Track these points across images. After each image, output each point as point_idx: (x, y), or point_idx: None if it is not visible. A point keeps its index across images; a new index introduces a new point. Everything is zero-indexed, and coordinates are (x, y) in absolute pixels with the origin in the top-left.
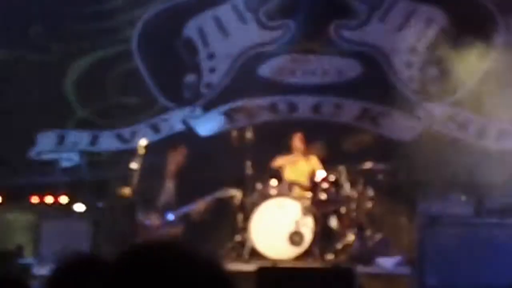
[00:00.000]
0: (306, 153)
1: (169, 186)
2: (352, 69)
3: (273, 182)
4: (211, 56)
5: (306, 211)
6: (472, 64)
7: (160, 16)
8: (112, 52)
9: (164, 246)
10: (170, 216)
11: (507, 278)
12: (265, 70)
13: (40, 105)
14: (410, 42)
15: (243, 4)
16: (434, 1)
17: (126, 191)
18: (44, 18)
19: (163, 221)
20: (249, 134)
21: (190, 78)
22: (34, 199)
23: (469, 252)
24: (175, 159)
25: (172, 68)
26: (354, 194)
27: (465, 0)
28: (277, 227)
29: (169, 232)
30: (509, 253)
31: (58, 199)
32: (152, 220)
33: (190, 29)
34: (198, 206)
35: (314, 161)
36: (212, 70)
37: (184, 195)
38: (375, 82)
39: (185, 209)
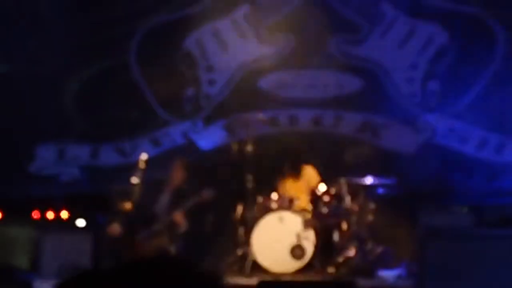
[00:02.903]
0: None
1: (164, 199)
2: (352, 83)
3: (274, 195)
4: (210, 68)
5: (307, 224)
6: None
7: (160, 28)
8: (112, 64)
9: (162, 261)
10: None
11: None
12: (265, 83)
13: (40, 118)
14: (411, 58)
15: (243, 18)
16: (434, 18)
17: (127, 205)
18: (42, 30)
19: (148, 233)
20: (249, 147)
21: (189, 91)
22: (35, 214)
23: (470, 264)
24: (177, 174)
25: (172, 81)
26: (355, 207)
27: (464, 17)
28: (278, 241)
29: (153, 243)
30: (510, 264)
31: (59, 214)
32: (139, 232)
33: (190, 42)
34: (176, 215)
35: (311, 172)
36: (212, 82)
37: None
38: (376, 96)
39: (164, 219)
